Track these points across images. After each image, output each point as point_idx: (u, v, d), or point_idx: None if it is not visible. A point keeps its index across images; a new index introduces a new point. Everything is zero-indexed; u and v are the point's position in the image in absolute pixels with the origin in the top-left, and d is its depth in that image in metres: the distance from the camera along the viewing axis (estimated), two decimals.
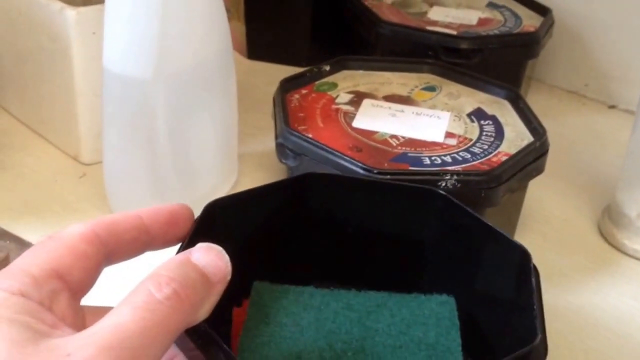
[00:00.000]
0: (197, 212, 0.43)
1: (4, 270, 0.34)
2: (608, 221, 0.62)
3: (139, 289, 0.33)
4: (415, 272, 0.48)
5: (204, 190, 0.59)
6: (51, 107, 0.67)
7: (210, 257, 0.36)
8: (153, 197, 0.57)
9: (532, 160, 0.55)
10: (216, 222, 0.43)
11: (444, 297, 0.46)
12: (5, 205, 0.60)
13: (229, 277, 0.37)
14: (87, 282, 0.36)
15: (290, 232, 0.48)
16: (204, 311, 0.35)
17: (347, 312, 0.45)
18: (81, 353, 0.30)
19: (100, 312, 0.34)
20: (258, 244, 0.47)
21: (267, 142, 0.60)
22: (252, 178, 0.65)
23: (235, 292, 0.45)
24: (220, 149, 0.60)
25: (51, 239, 0.36)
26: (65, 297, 0.34)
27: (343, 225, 0.49)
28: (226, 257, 0.37)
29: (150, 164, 0.56)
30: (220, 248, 0.37)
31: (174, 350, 0.38)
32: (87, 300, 0.37)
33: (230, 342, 0.44)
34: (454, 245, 0.47)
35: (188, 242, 0.40)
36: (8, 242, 0.54)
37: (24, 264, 0.34)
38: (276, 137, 0.57)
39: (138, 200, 0.58)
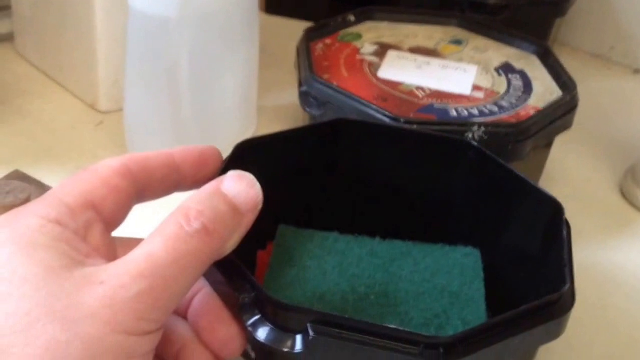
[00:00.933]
0: None
1: (41, 198, 0.35)
2: (631, 182, 0.61)
3: (169, 220, 0.33)
4: (441, 224, 0.48)
5: (223, 140, 0.58)
6: (70, 54, 0.66)
7: (242, 187, 0.36)
8: (172, 145, 0.56)
9: (561, 114, 0.55)
10: (245, 162, 0.42)
11: (469, 249, 0.46)
12: (26, 151, 0.60)
13: (259, 207, 0.37)
14: (120, 215, 0.36)
15: (317, 177, 0.48)
16: (233, 242, 0.36)
17: (371, 259, 0.45)
18: (115, 281, 0.31)
19: (131, 244, 0.35)
20: (285, 188, 0.46)
21: (285, 97, 0.60)
22: (271, 129, 0.64)
23: (261, 235, 0.45)
24: (241, 97, 0.60)
25: (86, 171, 0.36)
26: (99, 228, 0.35)
27: (371, 173, 0.49)
28: (258, 186, 0.37)
29: (171, 109, 0.55)
30: (252, 176, 0.37)
31: (201, 283, 0.38)
32: (118, 233, 0.37)
33: None
34: (483, 198, 0.46)
35: None
36: (28, 185, 0.54)
37: (59, 193, 0.35)
38: (300, 86, 0.57)
39: (157, 147, 0.57)
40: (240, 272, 0.36)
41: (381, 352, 0.33)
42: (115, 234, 0.37)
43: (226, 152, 0.45)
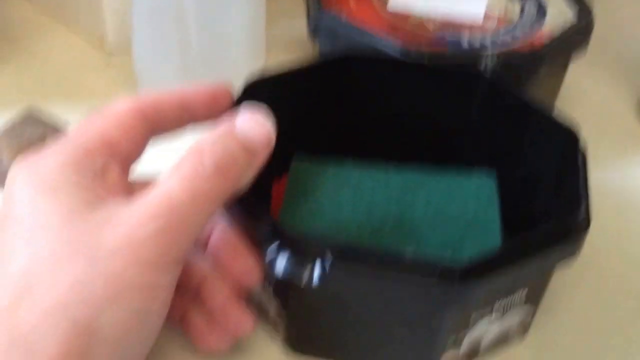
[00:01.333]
0: None
1: (58, 142, 0.36)
2: None
3: (184, 161, 0.34)
4: (455, 155, 0.48)
5: (232, 71, 0.59)
6: None
7: (253, 125, 0.37)
8: (182, 82, 0.57)
9: (576, 40, 0.54)
10: (256, 98, 0.43)
11: (484, 176, 0.46)
12: (37, 91, 0.60)
13: (272, 144, 0.37)
14: (135, 154, 0.37)
15: (329, 111, 0.48)
16: (246, 180, 0.36)
17: (385, 189, 0.45)
18: (134, 220, 0.32)
19: (147, 183, 0.36)
20: (297, 122, 0.47)
21: (294, 27, 0.59)
22: (280, 63, 0.64)
23: (275, 168, 0.46)
24: (249, 28, 0.59)
25: (100, 113, 0.37)
26: (116, 168, 0.36)
27: (383, 106, 0.49)
28: (269, 124, 0.37)
29: (179, 44, 0.55)
30: (263, 114, 0.37)
31: (216, 218, 0.39)
32: (135, 172, 0.38)
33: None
34: (497, 128, 0.46)
35: None
36: (42, 125, 0.54)
37: (76, 136, 0.36)
38: (308, 19, 0.56)
39: (167, 83, 0.57)
40: (256, 206, 0.36)
41: (398, 280, 0.33)
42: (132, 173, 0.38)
43: (235, 84, 0.46)
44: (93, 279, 0.31)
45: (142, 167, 0.38)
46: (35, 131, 0.53)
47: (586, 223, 0.37)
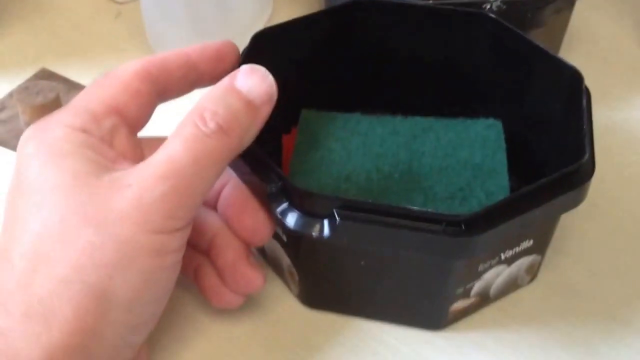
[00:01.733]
0: (239, 46, 0.43)
1: (65, 107, 0.36)
2: None
3: (186, 121, 0.34)
4: (463, 98, 0.49)
5: (241, 24, 0.59)
6: None
7: (254, 80, 0.36)
8: (190, 33, 0.57)
9: None
10: (264, 52, 0.43)
11: (491, 121, 0.46)
12: (49, 48, 0.61)
13: (274, 99, 0.37)
14: (143, 117, 0.37)
15: (338, 60, 0.49)
16: (250, 136, 0.36)
17: (393, 137, 0.45)
18: (140, 183, 0.32)
19: (157, 143, 0.36)
20: (306, 73, 0.47)
21: None
22: (287, 11, 0.64)
23: (285, 120, 0.46)
24: None
25: (107, 77, 0.37)
26: (124, 131, 0.36)
27: (390, 51, 0.49)
28: (270, 78, 0.37)
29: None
30: (263, 69, 0.37)
31: (227, 175, 0.39)
32: (144, 133, 0.38)
33: (281, 168, 0.45)
34: (503, 69, 0.46)
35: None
36: (56, 83, 0.55)
37: (83, 101, 0.36)
38: None
39: (176, 36, 0.57)
40: (266, 163, 0.37)
41: (405, 232, 0.34)
42: (142, 134, 0.38)
43: (243, 36, 0.46)
44: (103, 244, 0.31)
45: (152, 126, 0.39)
46: (49, 88, 0.54)
47: (590, 171, 0.37)
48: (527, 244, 0.39)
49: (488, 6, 0.50)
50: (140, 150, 0.37)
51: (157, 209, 0.32)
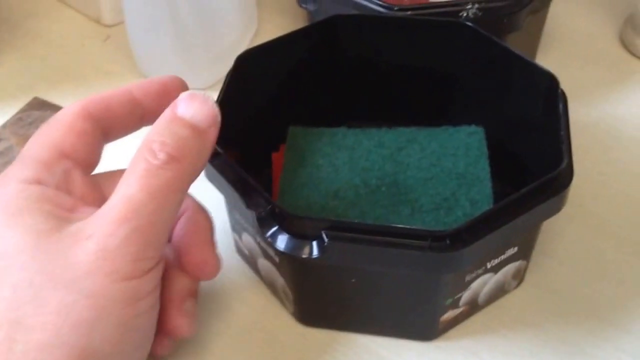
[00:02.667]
0: (226, 65, 0.44)
1: (15, 161, 0.35)
2: (630, 31, 0.61)
3: (137, 158, 0.34)
4: (445, 106, 0.50)
5: (227, 41, 0.59)
6: None
7: (196, 105, 0.36)
8: (177, 53, 0.57)
9: None
10: (248, 72, 0.44)
11: (473, 128, 0.48)
12: (40, 76, 0.61)
13: (219, 119, 0.36)
14: (93, 156, 0.37)
15: (321, 75, 0.50)
16: (203, 161, 0.36)
17: (379, 149, 0.46)
18: (101, 231, 0.32)
19: (114, 177, 0.36)
20: (292, 90, 0.48)
21: None
22: (273, 25, 0.65)
23: (273, 138, 0.48)
24: None
25: (48, 123, 0.36)
26: (78, 174, 0.36)
27: (372, 64, 0.50)
28: (211, 101, 0.36)
29: (171, 19, 0.55)
30: (203, 93, 0.36)
31: (185, 205, 0.39)
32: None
33: (271, 185, 0.46)
34: (482, 76, 0.48)
35: (224, 95, 0.42)
36: (48, 111, 0.56)
37: (31, 151, 0.35)
38: None
39: (163, 57, 0.58)
40: (254, 187, 0.38)
41: (392, 249, 0.35)
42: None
43: (230, 53, 0.46)
44: (76, 302, 0.31)
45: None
46: (42, 118, 0.55)
47: (569, 177, 0.38)
48: (511, 251, 0.40)
49: (465, 14, 0.51)
50: (99, 188, 0.37)
51: (123, 254, 0.32)
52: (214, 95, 0.41)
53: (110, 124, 0.37)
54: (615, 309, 0.42)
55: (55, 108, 0.57)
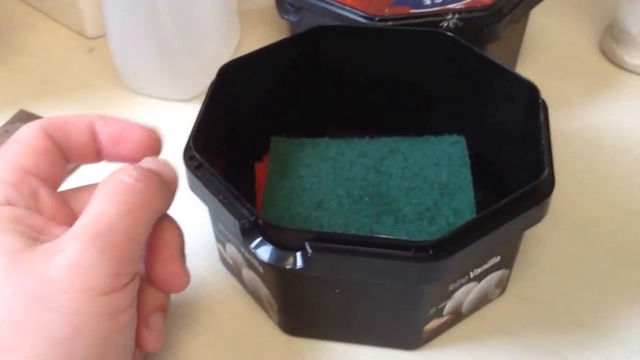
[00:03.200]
0: (210, 76, 0.44)
1: None
2: (610, 39, 0.62)
3: (108, 180, 0.34)
4: (427, 116, 0.50)
5: (210, 53, 0.59)
6: None
7: (158, 164, 0.37)
8: (160, 66, 0.57)
9: None
10: (231, 83, 0.44)
11: (455, 137, 0.48)
12: (25, 88, 0.62)
13: (177, 181, 0.38)
14: (57, 173, 0.37)
15: (304, 86, 0.50)
16: (169, 204, 0.37)
17: (362, 160, 0.47)
18: (73, 247, 0.32)
19: (83, 193, 0.36)
20: (274, 101, 0.48)
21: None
22: (256, 35, 0.65)
23: (257, 148, 0.48)
24: (221, 8, 0.60)
25: (9, 144, 0.37)
26: (45, 192, 0.36)
27: (354, 75, 0.50)
28: (172, 166, 0.38)
29: (153, 32, 0.56)
30: (164, 160, 0.38)
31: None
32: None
33: (255, 196, 0.46)
34: (463, 86, 0.48)
35: (207, 106, 0.42)
36: None
37: None
38: None
39: (146, 70, 0.58)
40: (238, 198, 0.37)
41: (375, 260, 0.35)
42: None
43: (213, 64, 0.47)
44: (53, 320, 0.31)
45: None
46: None
47: (550, 187, 0.38)
48: (494, 260, 0.40)
49: (445, 24, 0.51)
50: (68, 205, 0.37)
51: (99, 269, 0.32)
52: (198, 106, 0.42)
53: (67, 146, 0.38)
54: (597, 317, 0.43)
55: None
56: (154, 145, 0.39)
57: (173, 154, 0.40)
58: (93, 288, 0.31)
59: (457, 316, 0.42)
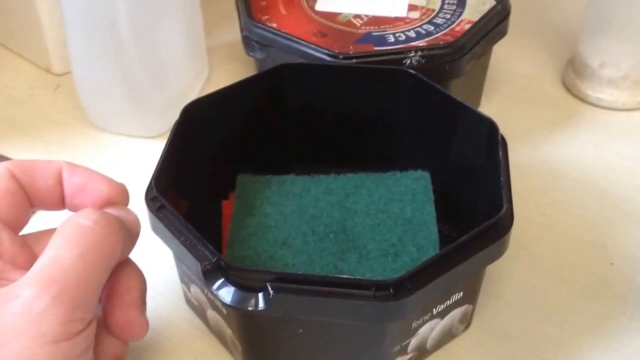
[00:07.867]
0: (177, 112, 0.44)
1: None
2: (572, 73, 0.63)
3: (66, 223, 0.34)
4: (390, 151, 0.51)
5: (178, 89, 0.60)
6: (17, 19, 0.66)
7: (120, 209, 0.38)
8: (128, 103, 0.58)
9: (495, 24, 0.56)
10: (195, 122, 0.45)
11: (419, 173, 0.48)
12: None
13: (139, 226, 0.38)
14: (20, 216, 0.37)
15: (269, 123, 0.50)
16: (130, 248, 0.37)
17: (327, 197, 0.47)
18: (27, 292, 0.31)
19: (44, 236, 0.36)
20: (239, 139, 0.49)
21: (235, 32, 0.60)
22: (224, 70, 0.66)
23: (223, 185, 0.48)
24: (188, 44, 0.60)
25: None
26: (6, 235, 0.35)
27: (319, 111, 0.51)
28: (133, 212, 0.38)
29: (119, 70, 0.56)
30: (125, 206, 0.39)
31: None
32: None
33: (221, 234, 0.46)
34: (426, 122, 0.49)
35: (170, 146, 0.42)
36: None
37: None
38: (241, 30, 0.58)
39: (112, 106, 0.58)
40: (200, 240, 0.38)
41: (337, 300, 0.35)
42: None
43: (180, 101, 0.47)
44: None
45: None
46: None
47: (509, 223, 0.39)
48: (457, 296, 0.40)
49: (408, 61, 0.52)
50: (29, 248, 0.36)
51: (51, 316, 0.31)
52: (162, 144, 0.42)
53: (32, 192, 0.37)
54: (559, 350, 0.43)
55: (4, 159, 0.57)
56: (117, 200, 0.39)
57: (139, 192, 0.40)
58: (45, 335, 0.31)
59: (422, 353, 0.42)
